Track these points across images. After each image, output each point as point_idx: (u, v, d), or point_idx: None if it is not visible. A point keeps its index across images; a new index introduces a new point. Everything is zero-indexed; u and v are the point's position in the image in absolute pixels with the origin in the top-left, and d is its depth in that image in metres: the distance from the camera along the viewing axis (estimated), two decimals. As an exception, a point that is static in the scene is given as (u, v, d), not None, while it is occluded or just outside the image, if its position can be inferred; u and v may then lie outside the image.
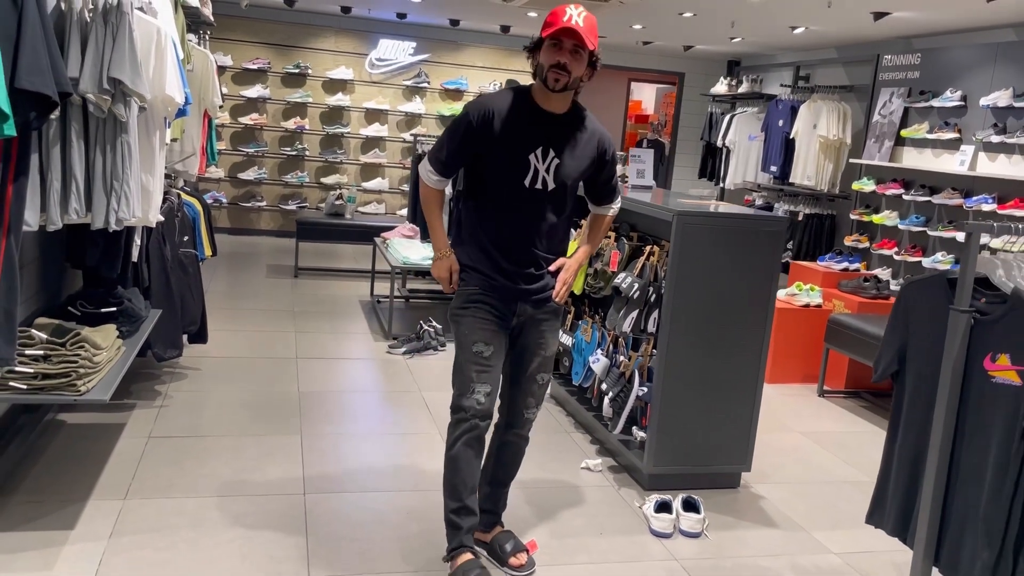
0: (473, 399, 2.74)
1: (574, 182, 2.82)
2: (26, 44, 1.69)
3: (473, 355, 2.75)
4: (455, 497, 2.80)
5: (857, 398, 5.48)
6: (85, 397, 2.85)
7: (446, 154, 2.78)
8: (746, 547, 3.32)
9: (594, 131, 2.84)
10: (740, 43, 8.98)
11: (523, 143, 2.71)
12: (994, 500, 2.15)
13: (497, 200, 2.77)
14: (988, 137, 6.06)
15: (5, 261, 1.82)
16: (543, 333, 2.90)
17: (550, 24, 2.63)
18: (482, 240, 2.79)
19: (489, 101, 2.75)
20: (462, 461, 2.77)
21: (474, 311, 2.78)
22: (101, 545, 2.90)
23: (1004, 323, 2.14)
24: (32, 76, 1.71)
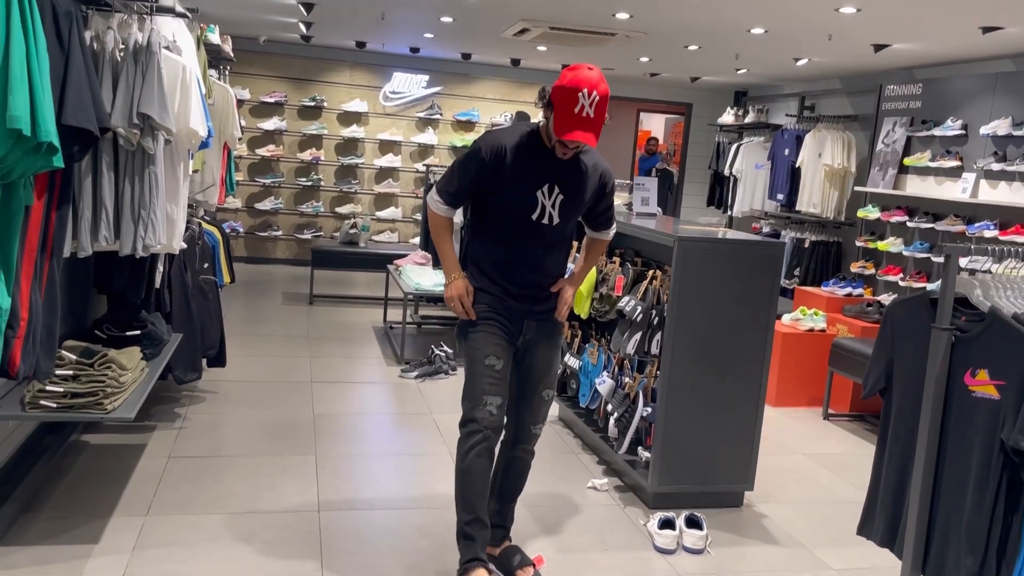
0: (486, 411, 2.83)
1: (576, 215, 3.00)
2: (72, 84, 1.85)
3: (485, 368, 2.85)
4: (468, 509, 2.88)
5: (861, 421, 5.55)
6: (111, 415, 2.99)
7: (456, 186, 2.89)
8: (748, 563, 3.41)
9: (596, 166, 2.98)
10: (746, 74, 9.16)
11: (532, 181, 2.85)
12: (976, 509, 2.25)
13: (504, 233, 2.90)
14: (989, 165, 6.18)
15: (48, 282, 1.98)
16: (548, 350, 3.03)
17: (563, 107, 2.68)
18: (490, 268, 2.93)
19: (501, 138, 2.86)
20: (475, 473, 2.85)
21: (484, 326, 2.90)
22: (125, 558, 3.03)
23: (982, 340, 2.26)
24: (77, 113, 1.87)
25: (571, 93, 2.68)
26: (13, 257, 1.59)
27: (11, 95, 1.46)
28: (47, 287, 1.97)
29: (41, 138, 1.55)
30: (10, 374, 1.93)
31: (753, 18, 5.92)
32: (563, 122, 2.70)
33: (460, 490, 2.89)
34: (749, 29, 6.29)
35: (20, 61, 1.50)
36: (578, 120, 2.69)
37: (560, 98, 2.71)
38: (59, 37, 1.78)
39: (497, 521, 3.12)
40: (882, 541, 2.55)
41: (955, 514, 2.31)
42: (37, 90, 1.55)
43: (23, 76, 1.51)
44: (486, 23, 7.07)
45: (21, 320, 1.82)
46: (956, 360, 2.31)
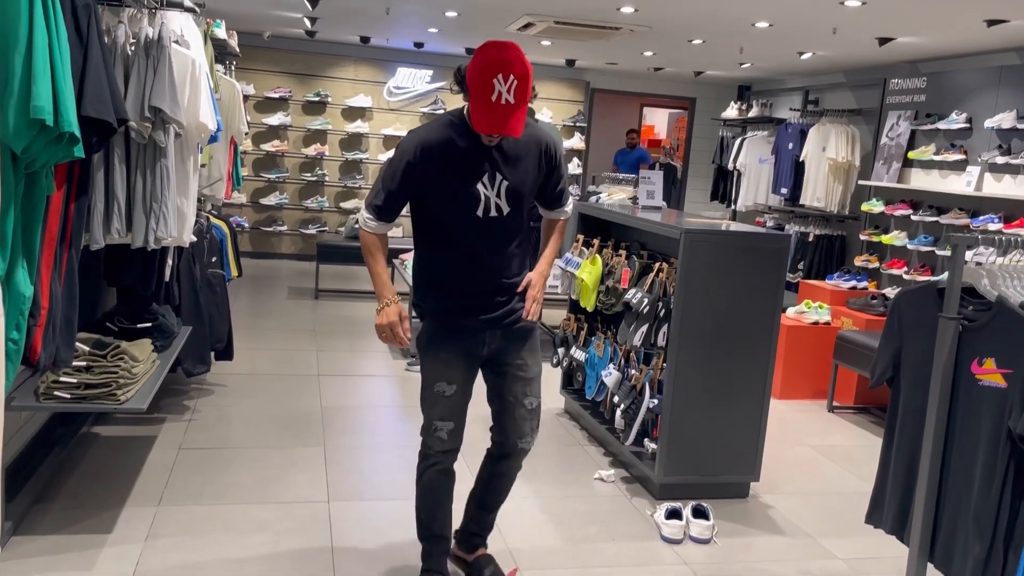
0: (435, 437, 2.69)
1: (528, 197, 2.71)
2: (90, 75, 1.88)
3: (434, 395, 2.68)
4: (424, 526, 2.83)
5: (866, 413, 5.58)
6: (124, 406, 3.02)
7: (383, 198, 2.60)
8: (754, 553, 3.43)
9: (536, 136, 2.68)
10: (750, 68, 9.17)
11: (469, 173, 2.57)
12: (984, 497, 2.27)
13: (451, 236, 2.64)
14: (993, 158, 6.19)
15: (67, 272, 2.00)
16: (521, 355, 2.77)
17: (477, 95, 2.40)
18: (439, 283, 2.69)
19: (425, 134, 2.59)
20: (429, 494, 2.78)
21: (436, 349, 2.69)
22: (138, 547, 3.06)
23: (989, 329, 2.28)
24: (96, 104, 1.89)
25: (485, 79, 2.37)
26: (36, 246, 1.62)
27: (35, 86, 1.49)
28: (66, 277, 2.00)
29: (63, 128, 1.57)
30: (31, 362, 1.96)
31: (757, 12, 5.94)
32: (480, 113, 2.41)
33: (418, 506, 2.83)
34: (753, 23, 6.30)
35: (43, 53, 1.52)
36: (496, 108, 2.38)
37: (473, 85, 2.40)
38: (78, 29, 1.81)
39: (474, 528, 3.00)
40: (891, 529, 2.58)
41: (963, 501, 2.33)
42: (59, 81, 1.57)
43: (46, 67, 1.53)
44: (490, 17, 7.08)
45: (42, 309, 1.85)
46: (963, 349, 2.33)
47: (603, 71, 10.60)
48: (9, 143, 1.45)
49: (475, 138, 2.56)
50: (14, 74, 1.46)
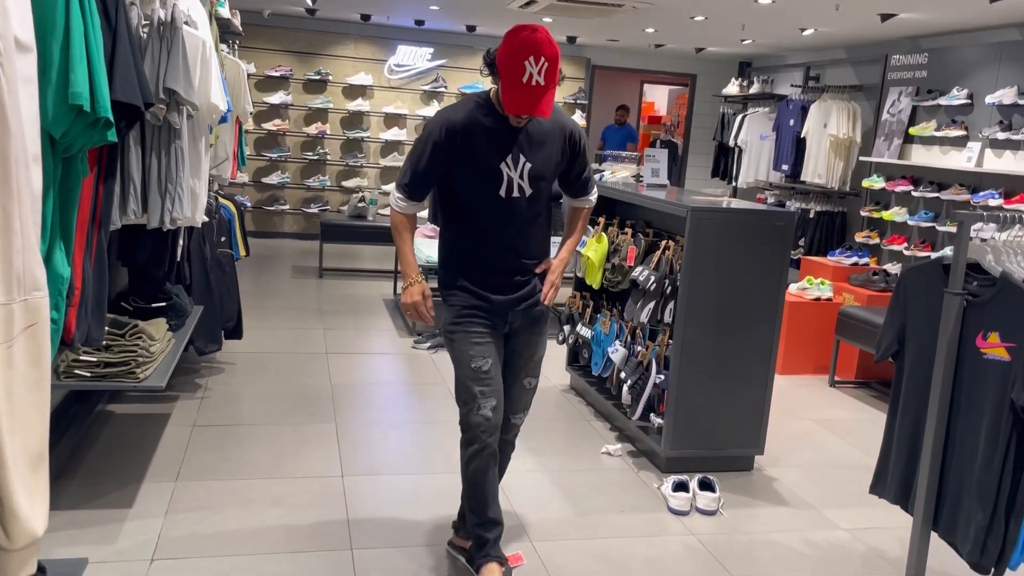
0: (481, 416, 2.68)
1: (549, 181, 2.77)
2: (119, 60, 1.91)
3: (473, 371, 2.68)
4: (478, 513, 2.77)
5: (867, 388, 5.65)
6: (143, 384, 3.08)
7: (411, 177, 2.67)
8: (760, 524, 3.51)
9: (561, 122, 2.75)
10: (751, 45, 9.16)
11: (493, 154, 2.63)
12: (986, 467, 2.34)
13: (474, 215, 2.70)
14: (994, 134, 6.23)
15: (97, 253, 2.05)
16: (532, 338, 2.86)
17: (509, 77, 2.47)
18: (465, 261, 2.74)
19: (451, 114, 2.66)
20: (480, 478, 2.74)
21: (466, 326, 2.71)
22: (158, 521, 3.13)
23: (994, 304, 2.33)
24: (125, 89, 1.93)
25: (516, 62, 2.44)
26: (72, 228, 1.66)
27: (72, 72, 1.52)
28: (96, 257, 2.05)
29: (100, 113, 1.61)
30: (66, 341, 2.02)
31: (761, -12, 5.94)
32: (511, 95, 2.49)
33: (468, 494, 2.80)
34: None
35: (79, 39, 1.56)
36: (527, 90, 2.45)
37: (505, 68, 2.47)
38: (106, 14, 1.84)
39: None
40: (895, 499, 2.65)
41: (966, 471, 2.40)
42: (95, 67, 1.61)
43: (82, 54, 1.56)
44: (493, -5, 7.08)
45: (75, 289, 1.90)
46: (968, 324, 2.38)
47: (604, 48, 10.59)
48: (49, 128, 1.50)
49: (501, 120, 2.63)
50: (52, 62, 1.50)
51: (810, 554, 3.28)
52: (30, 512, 1.35)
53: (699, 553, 3.22)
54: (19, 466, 1.32)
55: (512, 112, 2.54)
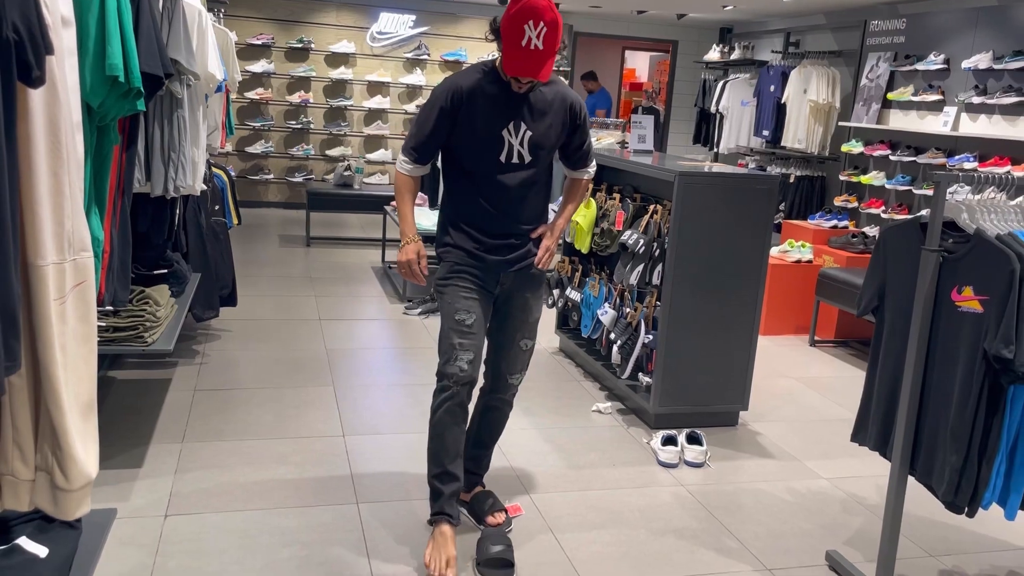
0: (456, 366, 2.75)
1: (549, 151, 2.84)
2: (143, 33, 1.98)
3: (456, 323, 2.76)
4: (437, 463, 2.83)
5: (846, 347, 5.84)
6: (152, 348, 3.17)
7: (417, 140, 2.76)
8: (745, 474, 3.68)
9: (563, 95, 2.83)
10: (732, 11, 9.23)
11: (495, 120, 2.72)
12: (960, 414, 2.49)
13: (474, 178, 2.78)
14: (970, 99, 6.37)
15: (121, 219, 2.13)
16: (527, 299, 2.95)
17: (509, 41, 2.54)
18: (462, 221, 2.83)
19: (458, 80, 2.73)
20: (444, 428, 2.80)
21: (456, 280, 2.81)
22: (169, 480, 3.24)
23: (968, 259, 2.47)
24: (149, 60, 2.00)
25: (516, 26, 2.51)
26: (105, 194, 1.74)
27: (108, 45, 1.60)
28: (121, 222, 2.13)
29: (133, 84, 1.69)
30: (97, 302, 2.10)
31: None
32: (510, 57, 2.56)
33: (431, 444, 2.85)
34: (739, -34, 6.38)
35: (113, 14, 1.63)
36: (526, 54, 2.52)
37: (506, 32, 2.54)
38: (130, -12, 1.91)
39: (470, 467, 3.08)
40: (875, 446, 2.80)
41: (942, 418, 2.55)
42: (128, 40, 1.69)
43: (116, 27, 1.64)
44: (477, -38, 7.09)
45: (104, 252, 1.98)
46: (944, 278, 2.52)
47: (586, 15, 10.62)
48: (87, 99, 1.57)
49: (505, 87, 2.71)
50: (89, 34, 1.57)
51: (793, 501, 3.45)
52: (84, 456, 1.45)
53: (688, 502, 3.38)
54: (73, 413, 1.42)
55: (511, 74, 2.61)
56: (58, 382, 1.37)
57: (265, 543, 2.86)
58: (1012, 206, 2.60)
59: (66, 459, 1.42)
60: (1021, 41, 6.15)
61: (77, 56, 1.42)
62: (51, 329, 1.35)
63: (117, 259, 2.15)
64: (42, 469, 1.46)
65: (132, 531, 2.86)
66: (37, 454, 1.45)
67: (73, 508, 1.47)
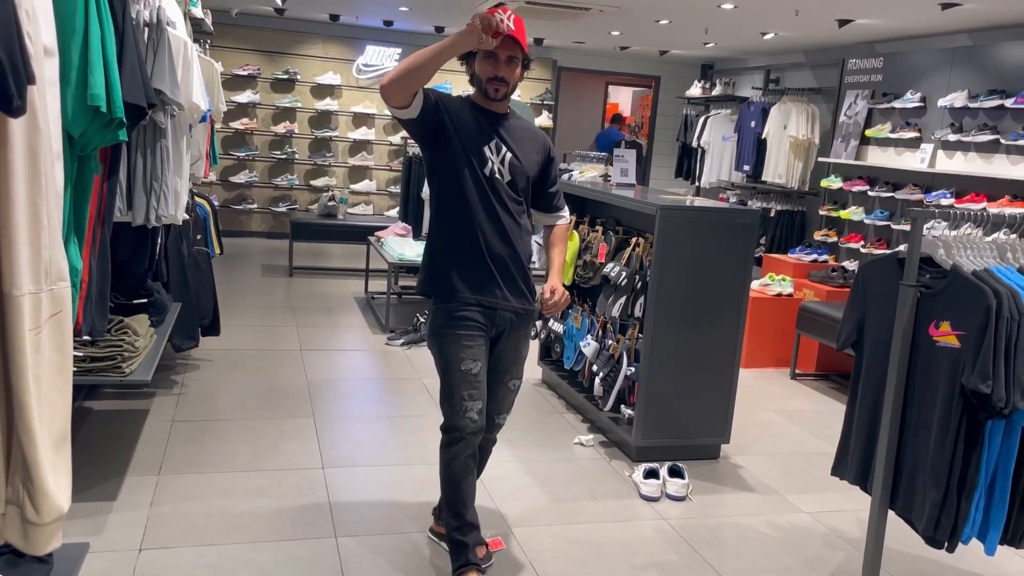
0: (467, 419, 2.73)
1: (527, 178, 2.85)
2: (127, 63, 1.98)
3: (463, 374, 2.73)
4: (457, 515, 2.81)
5: (826, 380, 5.86)
6: (129, 378, 3.13)
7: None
8: (727, 508, 3.67)
9: (535, 131, 2.95)
10: (713, 48, 9.38)
11: (477, 135, 2.76)
12: (939, 448, 2.51)
13: (464, 196, 2.74)
14: (946, 136, 6.48)
15: (100, 248, 2.12)
16: (519, 341, 2.93)
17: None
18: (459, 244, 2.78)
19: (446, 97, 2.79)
20: (460, 479, 2.80)
21: (456, 326, 2.76)
22: (144, 513, 3.19)
23: (945, 295, 2.50)
24: (133, 90, 2.00)
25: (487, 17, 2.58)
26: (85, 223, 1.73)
27: (91, 75, 1.60)
28: (100, 253, 2.12)
29: (115, 114, 1.69)
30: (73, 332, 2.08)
31: (724, -6, 6.12)
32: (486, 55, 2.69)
33: (448, 497, 2.83)
34: (719, 4, 6.49)
35: (96, 44, 1.63)
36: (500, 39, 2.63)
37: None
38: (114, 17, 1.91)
39: None
40: (854, 480, 2.81)
41: (921, 452, 2.56)
42: (111, 70, 1.69)
43: (99, 57, 1.64)
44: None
45: (83, 282, 1.97)
46: (922, 313, 2.55)
47: (570, 50, 10.74)
48: (68, 128, 1.57)
49: (486, 114, 2.81)
50: (72, 64, 1.57)
51: (774, 536, 3.44)
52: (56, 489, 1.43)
53: (670, 536, 3.36)
54: (46, 446, 1.40)
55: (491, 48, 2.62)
56: (31, 413, 1.35)
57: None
58: (988, 242, 2.64)
59: (37, 492, 1.40)
60: (996, 80, 6.27)
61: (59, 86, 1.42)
62: (25, 359, 1.34)
63: (96, 288, 2.13)
64: (12, 502, 1.43)
65: (105, 565, 2.81)
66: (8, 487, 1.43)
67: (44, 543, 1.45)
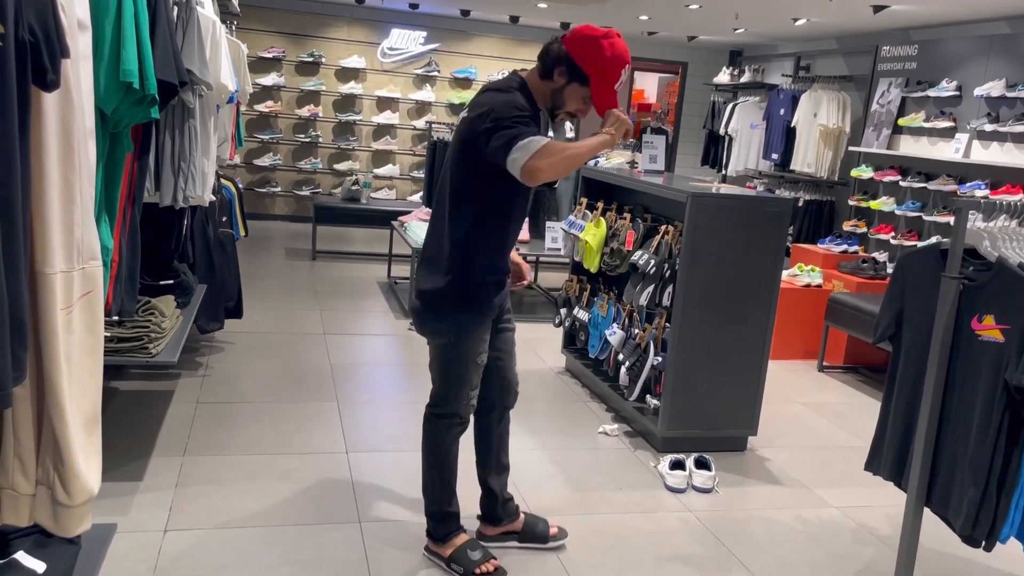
0: (471, 406, 2.83)
1: None
2: (159, 40, 1.96)
3: (476, 366, 2.78)
4: (448, 489, 2.89)
5: (855, 373, 5.78)
6: (156, 359, 3.13)
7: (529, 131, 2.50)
8: (754, 501, 3.62)
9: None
10: (743, 34, 9.24)
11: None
12: (980, 444, 2.44)
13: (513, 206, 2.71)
14: (982, 125, 6.35)
15: (131, 227, 2.10)
16: (509, 310, 3.00)
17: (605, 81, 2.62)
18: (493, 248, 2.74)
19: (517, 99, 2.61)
20: (453, 457, 2.89)
21: (485, 322, 2.78)
22: (169, 494, 3.19)
23: (990, 288, 2.43)
24: (165, 68, 1.97)
25: (616, 69, 2.62)
26: (116, 202, 1.71)
27: (123, 51, 1.57)
28: (130, 232, 2.10)
29: (148, 91, 1.66)
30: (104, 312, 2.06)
31: (757, -22, 6.01)
32: (604, 96, 2.65)
33: (442, 473, 2.88)
34: (752, -11, 6.39)
35: (129, 19, 1.61)
36: (615, 94, 2.67)
37: (603, 72, 2.62)
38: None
39: (506, 495, 3.08)
40: (889, 475, 2.75)
41: (960, 449, 2.50)
42: (144, 46, 1.66)
43: (132, 33, 1.61)
44: (490, -20, 7.10)
45: (113, 262, 1.95)
46: (964, 307, 2.48)
47: (596, 35, 10.62)
48: (100, 105, 1.55)
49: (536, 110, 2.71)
50: (104, 39, 1.55)
51: (803, 530, 3.39)
52: (87, 471, 1.41)
53: (696, 528, 3.32)
54: (77, 427, 1.38)
55: (602, 110, 2.67)
56: (63, 394, 1.33)
57: (265, 561, 2.80)
58: (1034, 234, 2.57)
59: (68, 473, 1.38)
60: (1034, 70, 6.14)
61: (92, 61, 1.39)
62: (57, 339, 1.32)
63: (126, 269, 2.11)
64: (43, 483, 1.42)
65: (131, 546, 2.81)
66: (39, 468, 1.41)
67: (74, 525, 1.43)
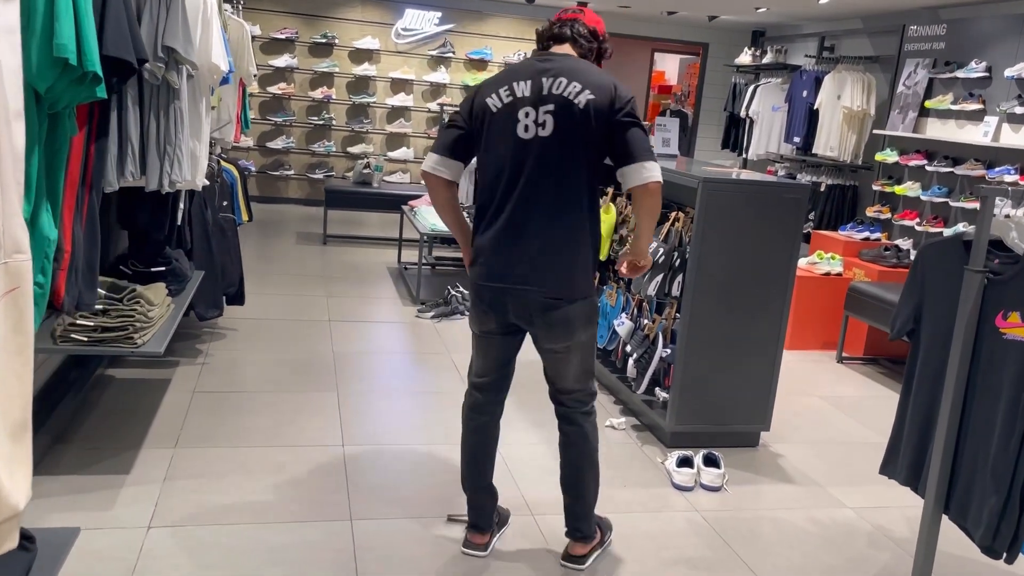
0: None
1: None
2: (110, 15, 1.83)
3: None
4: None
5: (875, 364, 5.59)
6: (141, 350, 3.02)
7: None
8: (764, 501, 3.47)
9: None
10: (765, 13, 8.98)
11: None
12: (1003, 450, 2.28)
13: None
14: (1012, 108, 6.09)
15: (88, 215, 1.98)
16: None
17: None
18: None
19: None
20: None
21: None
22: (156, 488, 3.09)
23: (1016, 282, 2.26)
24: (117, 44, 1.85)
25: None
26: (60, 188, 1.59)
27: (57, 23, 1.44)
28: (87, 220, 1.98)
29: (87, 68, 1.53)
30: (56, 306, 1.96)
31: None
32: None
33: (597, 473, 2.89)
34: (773, -34, 6.15)
35: (66, -11, 1.49)
36: None
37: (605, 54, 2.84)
38: (96, -35, 1.76)
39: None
40: (905, 480, 2.59)
41: (981, 454, 2.34)
42: (83, 20, 1.53)
43: (68, 5, 1.48)
44: (503, -42, 6.91)
45: (64, 252, 1.83)
46: (988, 302, 2.31)
47: (615, 15, 10.39)
48: (33, 82, 1.42)
49: None
50: (36, 11, 1.42)
51: (815, 532, 3.23)
52: (10, 485, 1.29)
53: (702, 529, 3.18)
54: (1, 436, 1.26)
55: None
56: (-18, 400, 1.21)
57: (251, 561, 2.70)
58: (1065, 225, 2.38)
59: (-11, 488, 1.26)
60: (1069, 49, 5.88)
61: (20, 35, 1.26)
62: (-22, 340, 1.20)
63: (82, 259, 2.00)
64: (-35, 497, 1.30)
65: (110, 543, 2.71)
66: (-39, 480, 1.30)
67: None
